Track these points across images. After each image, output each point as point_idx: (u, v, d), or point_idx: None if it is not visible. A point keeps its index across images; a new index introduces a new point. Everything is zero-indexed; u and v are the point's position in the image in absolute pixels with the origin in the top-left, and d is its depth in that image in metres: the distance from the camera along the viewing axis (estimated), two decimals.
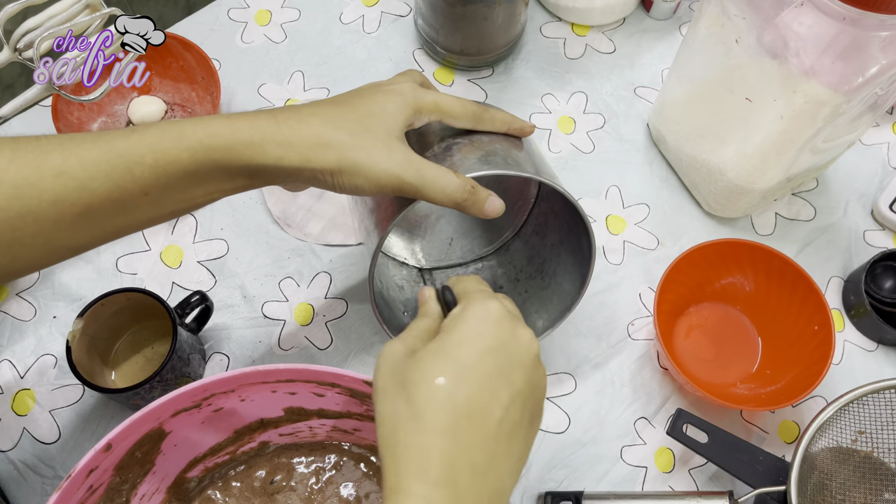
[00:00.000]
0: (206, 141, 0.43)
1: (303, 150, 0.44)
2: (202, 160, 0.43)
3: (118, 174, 0.41)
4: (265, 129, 0.44)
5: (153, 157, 0.42)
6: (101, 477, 0.48)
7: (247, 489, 0.58)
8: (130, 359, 0.63)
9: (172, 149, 0.42)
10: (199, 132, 0.43)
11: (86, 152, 0.41)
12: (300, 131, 0.44)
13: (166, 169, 0.42)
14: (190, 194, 0.44)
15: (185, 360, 0.59)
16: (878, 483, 0.56)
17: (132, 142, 0.42)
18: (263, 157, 0.43)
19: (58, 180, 0.40)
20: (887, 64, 0.50)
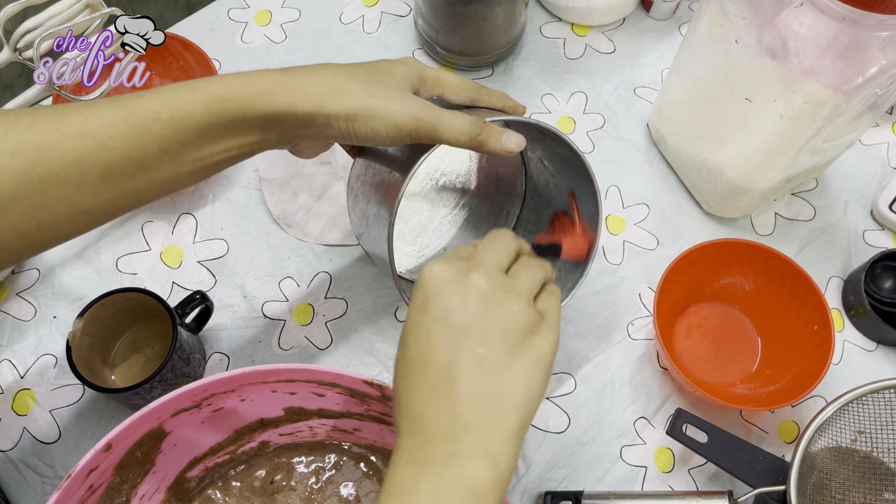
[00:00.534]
0: (219, 93, 0.43)
1: (316, 97, 0.45)
2: (216, 112, 0.43)
3: (136, 132, 0.42)
4: (277, 79, 0.45)
5: (169, 113, 0.43)
6: (102, 477, 0.48)
7: (247, 489, 0.58)
8: (130, 359, 0.63)
9: (187, 103, 0.43)
10: (213, 86, 0.44)
11: (103, 113, 0.42)
12: (312, 81, 0.45)
13: (182, 124, 0.43)
14: (207, 151, 0.45)
15: (185, 360, 0.59)
16: (877, 483, 0.56)
17: (147, 100, 0.43)
18: (276, 104, 0.44)
19: (78, 141, 0.41)
20: (887, 64, 0.50)
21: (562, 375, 0.65)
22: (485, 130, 0.48)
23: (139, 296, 0.59)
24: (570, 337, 0.67)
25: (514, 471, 0.38)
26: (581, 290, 0.68)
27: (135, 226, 0.70)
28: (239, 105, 0.44)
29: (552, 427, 0.63)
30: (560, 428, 0.64)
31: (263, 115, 0.45)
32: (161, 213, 0.71)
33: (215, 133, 0.44)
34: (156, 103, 0.43)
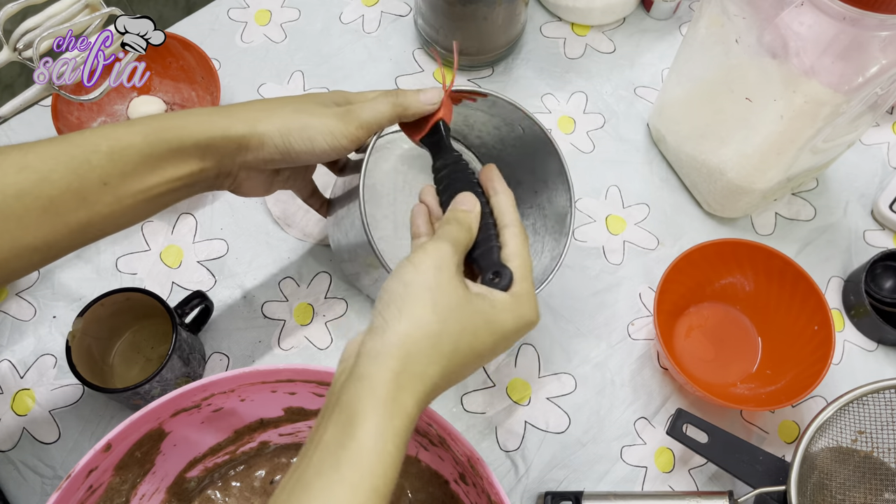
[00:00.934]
0: (156, 124, 0.46)
1: (248, 119, 0.48)
2: (154, 141, 0.45)
3: (76, 164, 0.44)
4: (212, 111, 0.48)
5: (108, 144, 0.44)
6: (101, 477, 0.48)
7: (246, 489, 0.58)
8: (130, 359, 0.63)
9: (126, 134, 0.45)
10: (152, 120, 0.47)
11: (45, 148, 0.44)
12: (245, 108, 0.49)
13: (122, 154, 0.45)
14: (147, 182, 0.46)
15: (184, 360, 0.59)
16: (877, 483, 0.56)
17: (88, 134, 0.45)
18: (211, 129, 0.47)
19: (20, 175, 0.42)
20: (887, 64, 0.50)
21: (562, 375, 0.65)
22: (401, 98, 0.50)
23: (139, 296, 0.59)
24: (570, 337, 0.67)
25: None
26: (581, 290, 0.68)
27: (135, 226, 0.70)
28: (176, 133, 0.46)
29: (552, 427, 0.63)
30: (560, 428, 0.63)
31: (199, 141, 0.47)
32: (161, 213, 0.71)
33: (154, 163, 0.46)
34: (96, 136, 0.45)
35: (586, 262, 0.70)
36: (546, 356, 0.66)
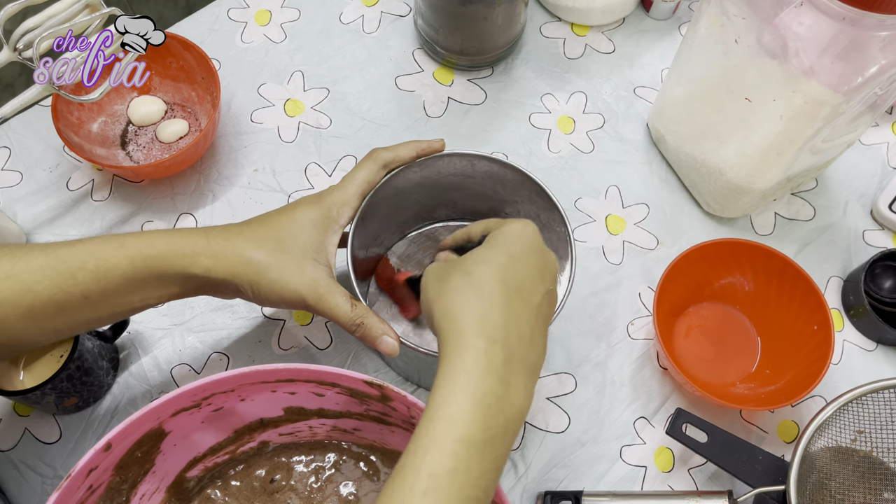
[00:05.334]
0: (144, 250, 0.48)
1: (228, 266, 0.49)
2: (139, 267, 0.47)
3: (61, 278, 0.45)
4: (197, 243, 0.49)
5: (94, 264, 0.46)
6: (101, 476, 0.48)
7: (246, 488, 0.58)
8: (42, 359, 0.60)
9: (113, 256, 0.47)
10: (139, 243, 0.48)
11: (33, 258, 0.45)
12: (226, 248, 0.50)
13: (106, 274, 0.47)
14: (127, 299, 0.48)
15: (85, 370, 0.58)
16: (877, 482, 0.56)
17: (77, 249, 0.47)
18: (194, 267, 0.49)
19: (5, 283, 0.44)
20: (887, 64, 0.50)
21: (562, 375, 0.65)
22: (359, 330, 0.51)
23: None
24: (570, 337, 0.67)
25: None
26: (581, 290, 0.68)
27: (135, 226, 0.70)
28: (160, 263, 0.48)
29: (552, 427, 0.64)
30: (560, 428, 0.64)
31: (181, 275, 0.49)
32: (161, 213, 0.71)
33: (136, 285, 0.48)
34: (84, 253, 0.46)
35: (586, 261, 0.70)
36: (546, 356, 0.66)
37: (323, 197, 0.54)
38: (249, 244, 0.50)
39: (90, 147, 0.69)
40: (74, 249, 0.47)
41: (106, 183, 0.72)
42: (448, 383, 0.40)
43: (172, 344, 0.65)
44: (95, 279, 0.46)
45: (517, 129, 0.76)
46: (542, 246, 0.47)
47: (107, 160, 0.70)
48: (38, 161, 0.72)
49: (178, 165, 0.69)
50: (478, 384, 0.40)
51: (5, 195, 0.71)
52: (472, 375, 0.40)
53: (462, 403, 0.39)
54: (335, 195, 0.54)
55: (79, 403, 0.61)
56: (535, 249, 0.46)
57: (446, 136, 0.75)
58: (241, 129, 0.75)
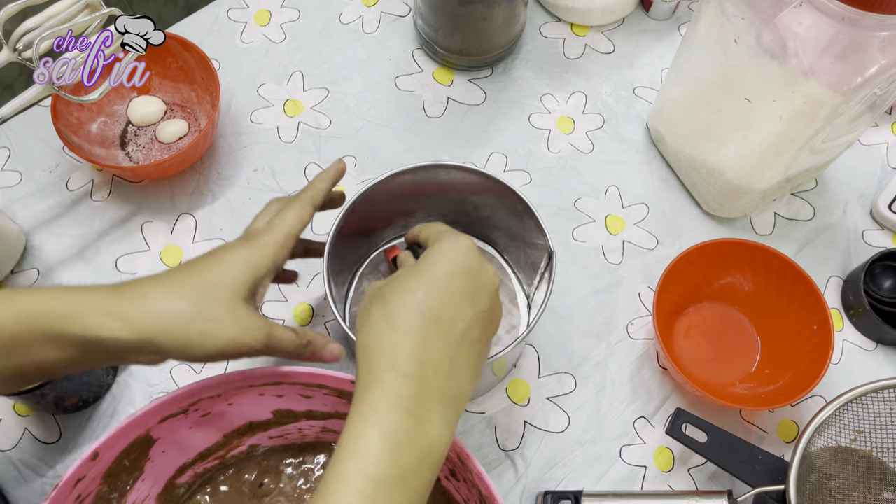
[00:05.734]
0: (34, 307, 0.41)
1: (145, 325, 0.42)
2: (27, 326, 0.41)
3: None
4: (102, 301, 0.42)
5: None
6: (90, 486, 0.48)
7: (236, 493, 0.58)
8: None
9: (1, 314, 0.41)
10: (31, 298, 0.41)
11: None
12: (142, 306, 0.42)
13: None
14: (16, 362, 0.42)
15: (85, 370, 0.58)
16: (876, 482, 0.56)
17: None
18: (98, 329, 0.41)
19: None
20: (886, 64, 0.50)
21: (562, 375, 0.65)
22: (308, 348, 0.48)
23: None
24: (570, 337, 0.67)
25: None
26: (580, 290, 0.69)
27: (134, 226, 0.70)
28: (53, 323, 0.41)
29: (552, 427, 0.64)
30: (560, 428, 0.64)
31: (82, 338, 0.41)
32: (160, 213, 0.71)
33: (25, 345, 0.41)
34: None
35: (586, 261, 0.70)
36: (546, 356, 0.66)
37: (252, 237, 0.49)
38: (168, 295, 0.43)
39: (90, 147, 0.69)
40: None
41: (105, 183, 0.72)
42: (356, 419, 0.39)
43: None
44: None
45: (517, 129, 0.76)
46: (472, 266, 0.44)
47: (106, 160, 0.70)
48: (37, 161, 0.72)
49: (178, 165, 0.69)
50: (385, 419, 0.38)
51: (5, 195, 0.71)
52: (378, 411, 0.39)
53: (369, 440, 0.38)
54: (265, 237, 0.49)
55: (78, 403, 0.61)
56: (463, 271, 0.43)
57: (446, 136, 0.75)
58: (241, 130, 0.75)
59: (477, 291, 0.43)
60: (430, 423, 0.40)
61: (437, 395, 0.40)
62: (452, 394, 0.41)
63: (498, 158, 0.74)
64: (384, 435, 0.38)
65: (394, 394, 0.39)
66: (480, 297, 0.44)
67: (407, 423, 0.39)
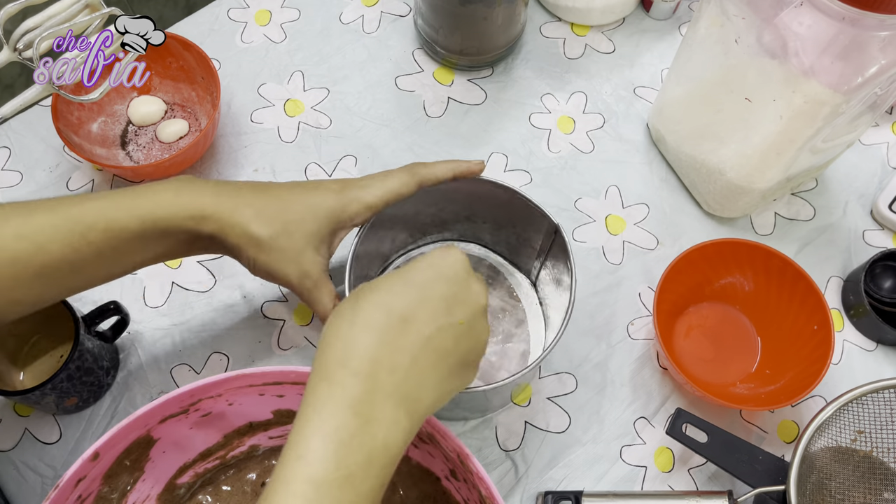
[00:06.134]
0: (154, 210, 0.48)
1: (232, 235, 0.50)
2: (149, 228, 0.48)
3: (72, 238, 0.46)
4: (205, 206, 0.49)
5: (105, 224, 0.47)
6: (90, 486, 0.48)
7: (237, 493, 0.58)
8: (42, 359, 0.61)
9: (124, 216, 0.47)
10: (148, 202, 0.48)
11: (45, 217, 0.46)
12: (233, 217, 0.50)
13: (117, 234, 0.47)
14: (139, 257, 0.49)
15: (85, 370, 0.58)
16: (877, 483, 0.56)
17: (87, 208, 0.47)
18: (200, 229, 0.49)
19: (17, 242, 0.44)
20: (887, 64, 0.50)
21: (562, 375, 0.65)
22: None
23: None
24: (570, 337, 0.67)
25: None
26: (581, 290, 0.69)
27: None
28: (168, 224, 0.48)
29: (552, 427, 0.64)
30: (560, 428, 0.64)
31: (190, 234, 0.49)
32: None
33: (146, 243, 0.48)
34: (94, 212, 0.47)
35: (586, 262, 0.70)
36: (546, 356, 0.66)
37: (346, 189, 0.53)
38: (256, 219, 0.50)
39: (90, 147, 0.69)
40: (84, 209, 0.46)
41: (106, 183, 0.72)
42: (301, 418, 0.38)
43: (172, 344, 0.65)
44: (106, 239, 0.46)
45: (517, 129, 0.76)
46: (455, 276, 0.43)
47: (107, 160, 0.70)
48: (38, 161, 0.72)
49: (178, 165, 0.69)
50: (329, 420, 0.37)
51: (5, 195, 0.71)
52: (323, 412, 0.37)
53: (312, 441, 0.37)
54: (359, 192, 0.53)
55: (79, 403, 0.61)
56: (447, 279, 0.42)
57: (446, 136, 0.75)
58: (241, 129, 0.75)
59: (455, 302, 0.42)
60: (378, 424, 0.38)
61: (389, 395, 0.39)
62: (408, 395, 0.40)
63: (498, 158, 0.74)
64: (327, 436, 0.37)
65: (341, 392, 0.38)
66: (458, 309, 0.42)
67: (352, 423, 0.37)
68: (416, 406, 0.40)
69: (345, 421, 0.37)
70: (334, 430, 0.37)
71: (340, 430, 0.37)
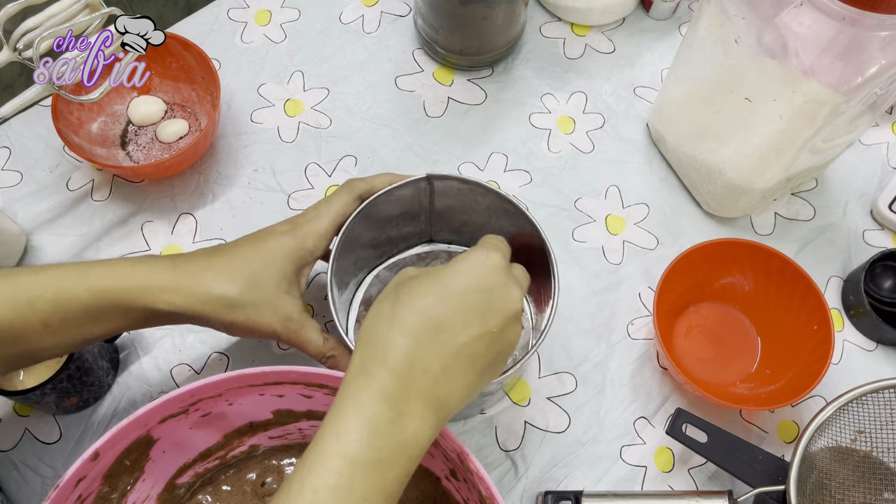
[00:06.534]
0: (105, 282, 0.47)
1: (195, 303, 0.49)
2: (100, 298, 0.47)
3: (20, 305, 0.45)
4: (162, 278, 0.48)
5: (54, 293, 0.46)
6: (90, 486, 0.48)
7: (237, 492, 0.58)
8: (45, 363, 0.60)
9: (73, 286, 0.46)
10: (101, 273, 0.47)
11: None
12: (193, 284, 0.49)
13: (65, 304, 0.46)
14: (87, 329, 0.48)
15: (85, 370, 0.58)
16: (877, 482, 0.56)
17: (37, 277, 0.46)
18: (157, 303, 0.48)
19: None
20: (886, 64, 0.50)
21: (562, 375, 0.65)
22: (329, 361, 0.54)
23: None
24: (570, 337, 0.67)
25: None
26: (581, 290, 0.69)
27: (134, 226, 0.70)
28: (122, 296, 0.47)
29: (552, 427, 0.64)
30: (560, 428, 0.64)
31: (145, 309, 0.48)
32: (161, 213, 0.71)
33: (96, 315, 0.47)
34: (44, 281, 0.46)
35: (586, 261, 0.70)
36: (546, 356, 0.66)
37: (297, 227, 0.54)
38: (218, 280, 0.50)
39: (90, 147, 0.69)
40: (36, 277, 0.46)
41: (106, 183, 0.72)
42: (340, 403, 0.40)
43: (172, 344, 0.65)
44: (54, 308, 0.46)
45: (517, 129, 0.76)
46: (493, 284, 0.44)
47: (107, 160, 0.70)
48: (38, 161, 0.73)
49: (178, 165, 0.69)
50: (367, 407, 0.39)
51: (5, 195, 0.71)
52: (360, 398, 0.40)
53: (349, 423, 0.39)
54: (310, 226, 0.54)
55: (79, 403, 0.61)
56: (481, 288, 0.43)
57: (446, 136, 0.75)
58: (241, 129, 0.75)
59: (491, 311, 0.43)
60: (410, 418, 0.40)
61: (421, 394, 0.41)
62: (438, 396, 0.42)
63: (498, 158, 0.74)
64: (364, 420, 0.39)
65: (378, 385, 0.40)
66: (493, 318, 0.43)
67: (387, 413, 0.39)
68: (444, 406, 0.42)
69: (380, 410, 0.39)
70: (370, 417, 0.39)
71: (376, 418, 0.39)
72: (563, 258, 0.70)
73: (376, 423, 0.39)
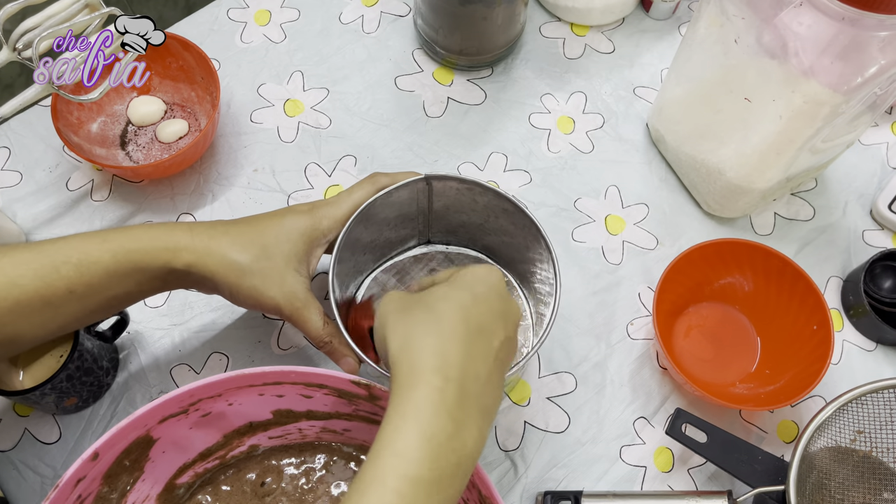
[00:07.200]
0: (126, 244, 0.49)
1: (210, 264, 0.50)
2: (122, 261, 0.48)
3: (45, 272, 0.46)
4: (180, 239, 0.50)
5: (78, 257, 0.47)
6: (90, 486, 0.48)
7: (237, 492, 0.58)
8: (42, 359, 0.60)
9: (96, 250, 0.48)
10: (122, 237, 0.49)
11: (18, 253, 0.47)
12: (210, 246, 0.51)
13: (90, 268, 0.48)
14: (111, 292, 0.49)
15: (85, 370, 0.58)
16: (876, 482, 0.56)
17: (60, 244, 0.48)
18: (175, 262, 0.50)
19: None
20: (886, 64, 0.50)
21: (562, 375, 0.65)
22: (326, 347, 0.53)
23: None
24: (570, 337, 0.67)
25: None
26: (580, 290, 0.69)
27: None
28: (143, 257, 0.49)
29: (552, 427, 0.64)
30: (560, 428, 0.64)
31: (164, 269, 0.50)
32: (161, 213, 0.71)
33: (119, 278, 0.49)
34: (67, 248, 0.48)
35: (585, 261, 0.70)
36: (546, 356, 0.66)
37: (315, 208, 0.55)
38: (233, 246, 0.51)
39: (90, 147, 0.69)
40: (58, 244, 0.48)
41: (106, 183, 0.72)
42: (398, 419, 0.39)
43: (172, 344, 0.65)
44: (79, 273, 0.47)
45: (517, 129, 0.76)
46: (504, 292, 0.46)
47: (106, 160, 0.70)
48: (37, 161, 0.72)
49: (178, 165, 0.69)
50: (429, 422, 0.38)
51: (5, 195, 0.71)
52: (423, 413, 0.38)
53: (410, 440, 0.38)
54: (328, 209, 0.55)
55: (79, 403, 0.61)
56: (498, 294, 0.45)
57: (446, 136, 0.75)
58: (241, 129, 0.75)
59: (509, 316, 0.45)
60: (468, 430, 0.39)
61: (476, 403, 0.40)
62: (486, 405, 0.42)
63: (498, 158, 0.74)
64: (426, 436, 0.38)
65: (439, 396, 0.39)
66: (511, 322, 0.45)
67: (449, 427, 0.38)
68: (489, 413, 0.42)
69: (444, 425, 0.38)
70: (433, 433, 0.38)
71: (439, 434, 0.38)
72: (562, 258, 0.70)
73: (439, 439, 0.38)
